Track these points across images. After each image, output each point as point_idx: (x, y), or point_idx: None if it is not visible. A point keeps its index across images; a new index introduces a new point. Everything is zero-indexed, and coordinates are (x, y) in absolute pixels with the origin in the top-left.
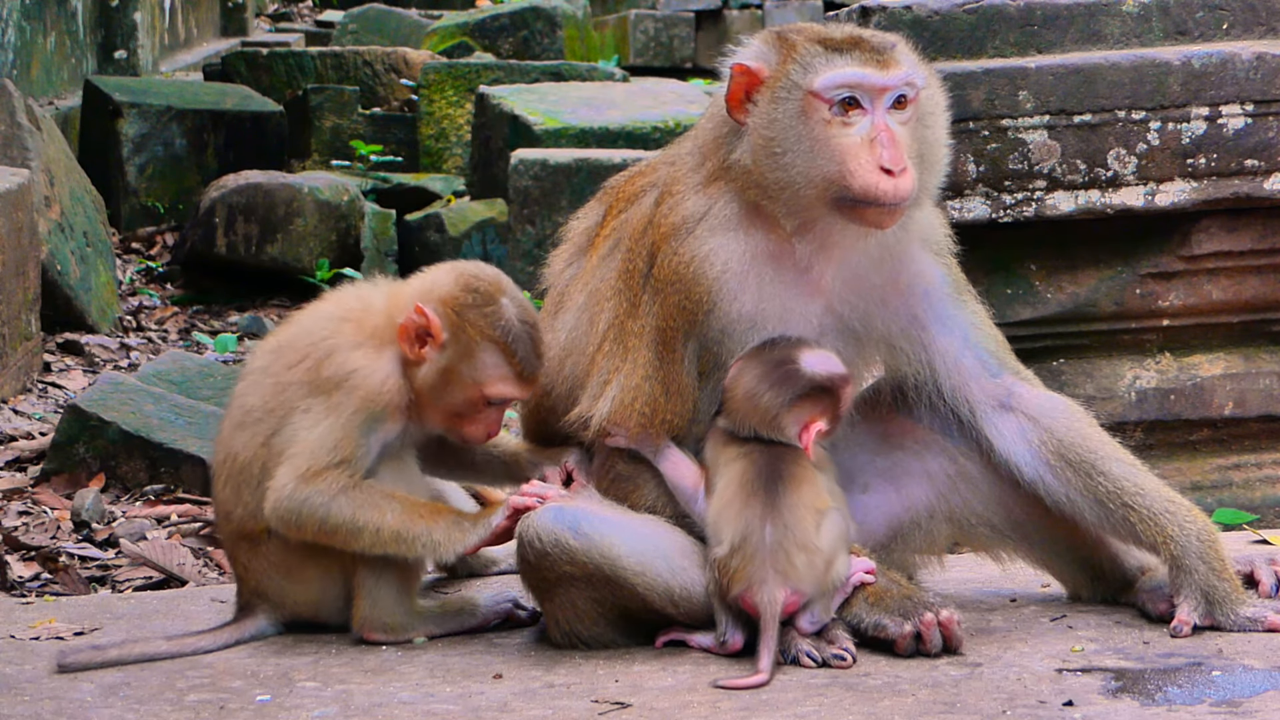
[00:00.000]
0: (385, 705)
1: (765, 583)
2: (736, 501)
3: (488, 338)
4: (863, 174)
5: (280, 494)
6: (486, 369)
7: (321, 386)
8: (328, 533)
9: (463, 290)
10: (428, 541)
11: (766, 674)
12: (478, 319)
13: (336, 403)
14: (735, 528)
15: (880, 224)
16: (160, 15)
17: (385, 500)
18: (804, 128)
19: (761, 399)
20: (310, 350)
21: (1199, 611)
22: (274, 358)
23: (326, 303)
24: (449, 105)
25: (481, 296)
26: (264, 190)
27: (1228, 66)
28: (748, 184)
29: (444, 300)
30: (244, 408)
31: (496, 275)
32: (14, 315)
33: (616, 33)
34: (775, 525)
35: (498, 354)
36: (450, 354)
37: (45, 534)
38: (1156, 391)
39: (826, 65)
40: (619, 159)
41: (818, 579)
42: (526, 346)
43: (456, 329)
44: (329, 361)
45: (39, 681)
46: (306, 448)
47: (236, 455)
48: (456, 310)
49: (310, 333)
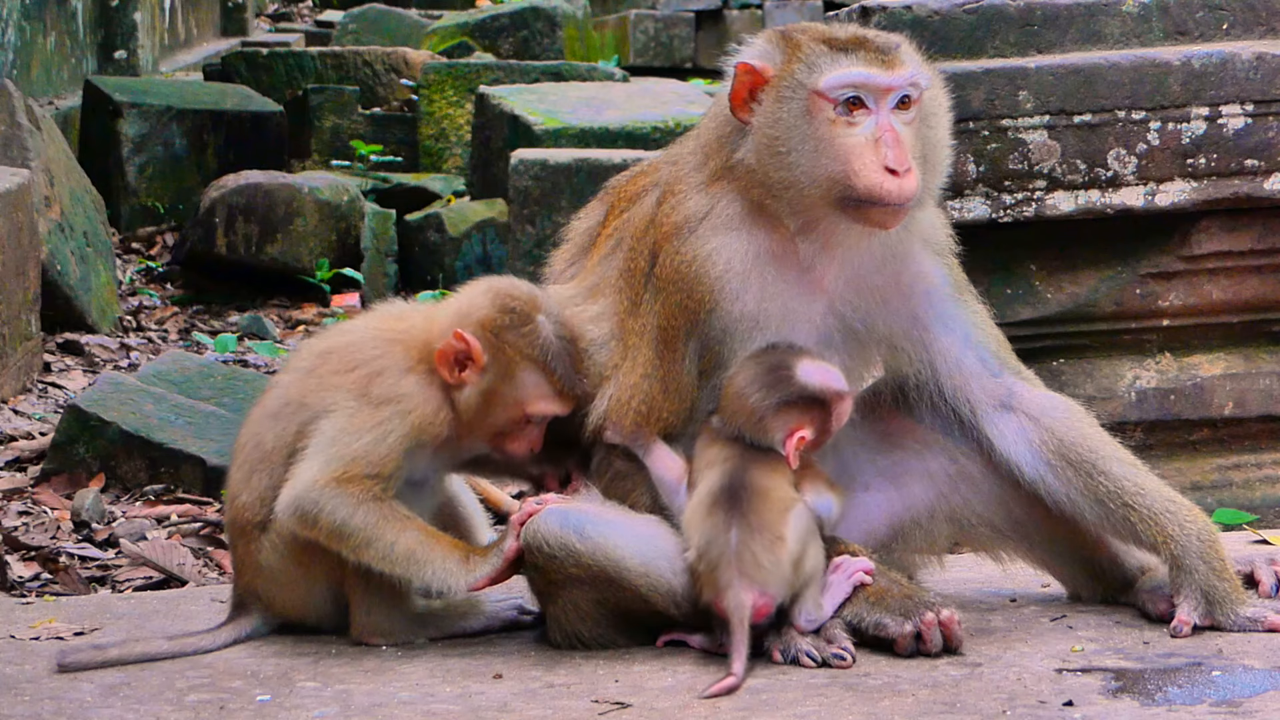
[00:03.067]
0: (385, 705)
1: (731, 587)
2: (702, 507)
3: (527, 357)
4: (867, 174)
5: (303, 487)
6: (527, 388)
7: (370, 399)
8: (339, 537)
9: (499, 311)
10: (440, 569)
11: (738, 677)
12: (516, 339)
13: (384, 419)
14: (700, 533)
15: (884, 224)
16: (160, 15)
17: (405, 520)
18: (808, 127)
19: (749, 399)
20: (360, 364)
21: (1199, 611)
22: (321, 361)
23: (373, 319)
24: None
25: (519, 316)
26: (264, 190)
27: (1228, 66)
28: (751, 183)
29: (482, 323)
30: (283, 399)
31: (531, 292)
32: (14, 315)
33: (616, 33)
34: (740, 528)
35: (538, 373)
36: (491, 376)
37: (45, 534)
38: (1156, 391)
39: (831, 65)
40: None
41: (785, 578)
42: (565, 363)
43: (496, 351)
44: (380, 380)
45: (39, 681)
46: (346, 452)
47: (263, 441)
48: (494, 332)
49: (361, 347)
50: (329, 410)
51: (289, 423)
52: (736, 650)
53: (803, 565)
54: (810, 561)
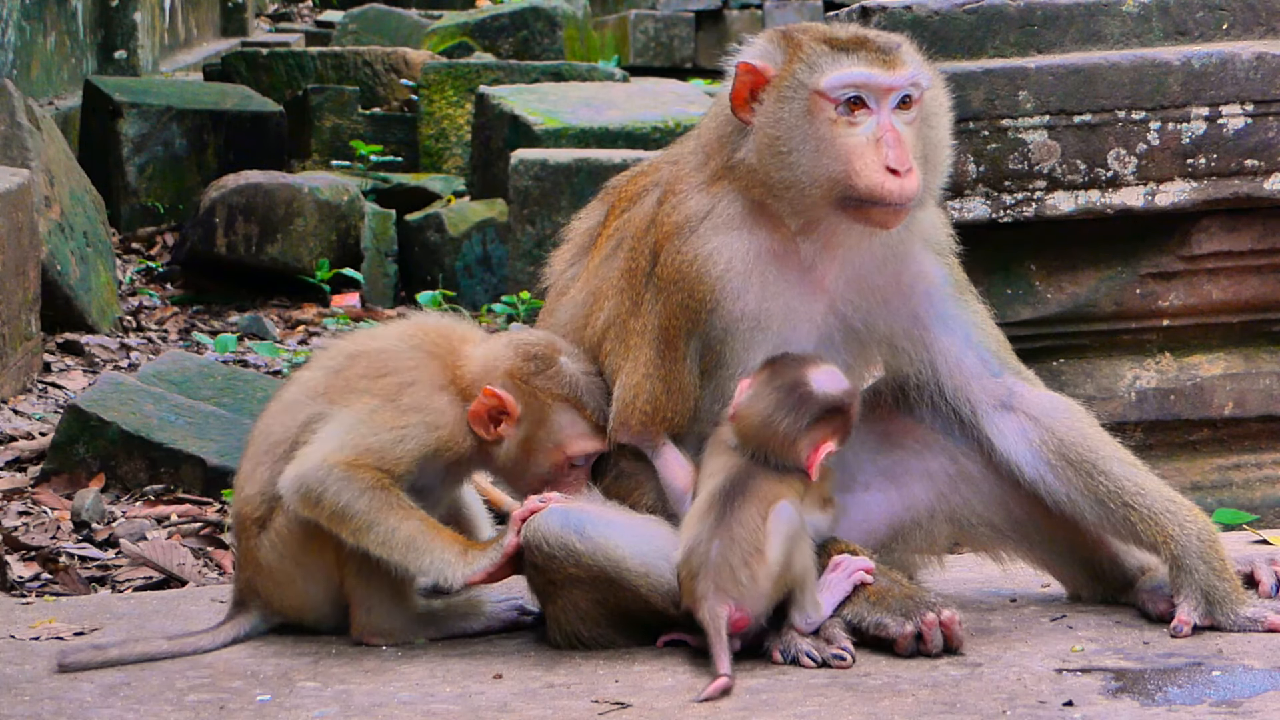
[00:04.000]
0: (385, 705)
1: (706, 598)
2: (695, 515)
3: (558, 398)
4: (868, 174)
5: (310, 465)
6: (564, 429)
7: (398, 405)
8: (341, 519)
9: (524, 359)
10: (438, 558)
11: (729, 677)
12: (545, 383)
13: (408, 425)
14: (686, 539)
15: (886, 224)
16: (160, 15)
17: (408, 510)
18: (810, 127)
19: (779, 426)
20: (392, 372)
21: (1199, 611)
22: (350, 362)
23: (409, 328)
24: (449, 105)
25: (543, 361)
26: (264, 190)
27: (1228, 66)
28: (752, 183)
29: (510, 373)
30: (303, 394)
31: (548, 337)
32: (14, 315)
33: (616, 33)
34: (722, 539)
35: (572, 411)
36: (527, 424)
37: (45, 534)
38: (1156, 391)
39: (833, 65)
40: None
41: (763, 594)
42: (597, 397)
43: (528, 398)
44: (412, 391)
45: (39, 681)
46: (361, 442)
47: (272, 431)
48: (523, 380)
49: (395, 356)
50: (348, 399)
51: (304, 414)
52: (718, 658)
53: (789, 571)
54: (798, 564)
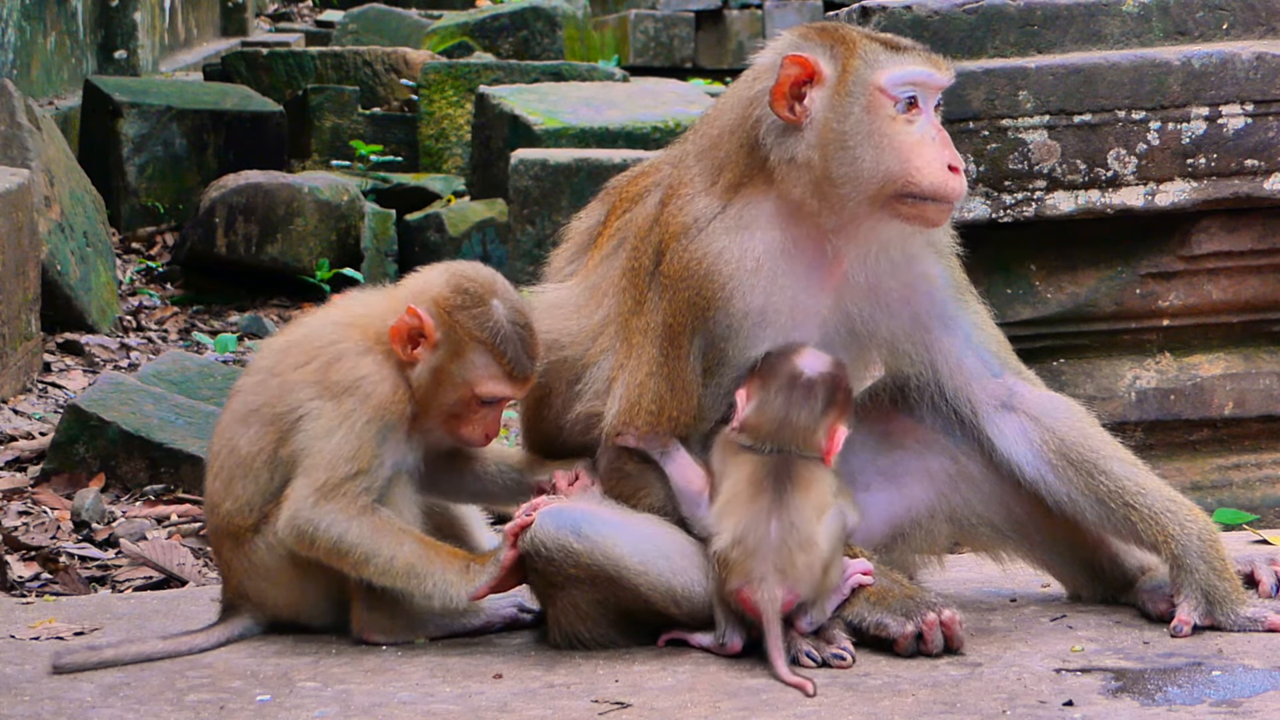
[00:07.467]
0: (385, 705)
1: (765, 579)
2: (743, 495)
3: (476, 339)
4: (930, 171)
5: (298, 508)
6: (476, 369)
7: (330, 390)
8: (339, 555)
9: (454, 291)
10: (441, 580)
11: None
12: (467, 320)
13: (349, 410)
14: (739, 520)
15: (936, 221)
16: (160, 15)
17: (402, 533)
18: (872, 123)
19: (798, 418)
20: (317, 353)
21: (1199, 611)
22: (280, 357)
23: (333, 309)
24: (449, 105)
25: (472, 298)
26: (264, 190)
27: (1228, 66)
28: (797, 181)
29: (436, 301)
30: (248, 405)
31: (490, 276)
32: (14, 315)
33: (616, 33)
34: (781, 522)
35: (487, 354)
36: (442, 354)
37: (45, 534)
38: (1156, 391)
39: (893, 62)
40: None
41: (815, 581)
42: (516, 347)
43: (447, 329)
44: (337, 365)
45: (39, 681)
46: (324, 459)
47: (237, 447)
48: (448, 310)
49: (318, 336)
50: (299, 413)
51: (263, 428)
52: (775, 647)
53: (830, 572)
54: (834, 571)
